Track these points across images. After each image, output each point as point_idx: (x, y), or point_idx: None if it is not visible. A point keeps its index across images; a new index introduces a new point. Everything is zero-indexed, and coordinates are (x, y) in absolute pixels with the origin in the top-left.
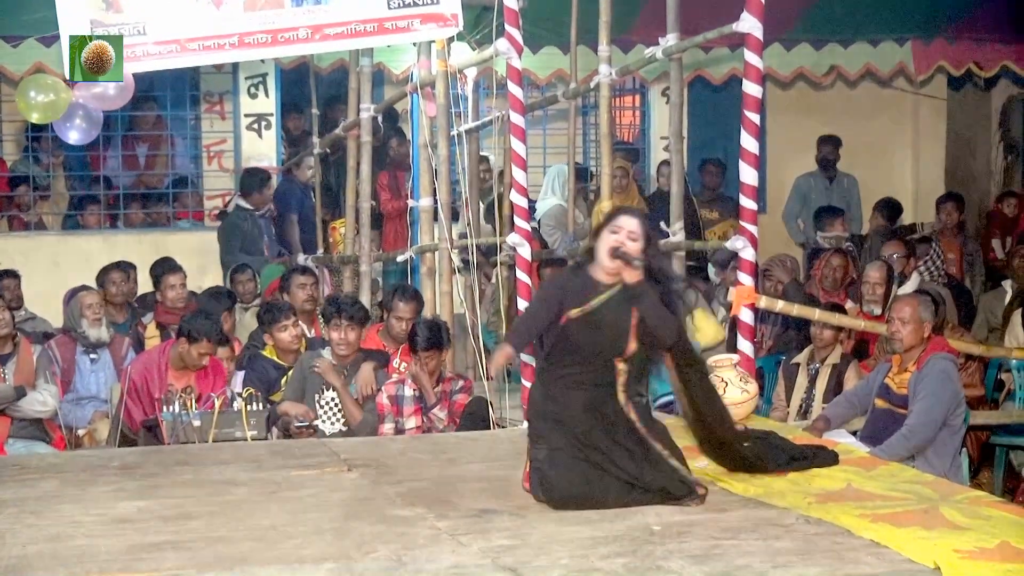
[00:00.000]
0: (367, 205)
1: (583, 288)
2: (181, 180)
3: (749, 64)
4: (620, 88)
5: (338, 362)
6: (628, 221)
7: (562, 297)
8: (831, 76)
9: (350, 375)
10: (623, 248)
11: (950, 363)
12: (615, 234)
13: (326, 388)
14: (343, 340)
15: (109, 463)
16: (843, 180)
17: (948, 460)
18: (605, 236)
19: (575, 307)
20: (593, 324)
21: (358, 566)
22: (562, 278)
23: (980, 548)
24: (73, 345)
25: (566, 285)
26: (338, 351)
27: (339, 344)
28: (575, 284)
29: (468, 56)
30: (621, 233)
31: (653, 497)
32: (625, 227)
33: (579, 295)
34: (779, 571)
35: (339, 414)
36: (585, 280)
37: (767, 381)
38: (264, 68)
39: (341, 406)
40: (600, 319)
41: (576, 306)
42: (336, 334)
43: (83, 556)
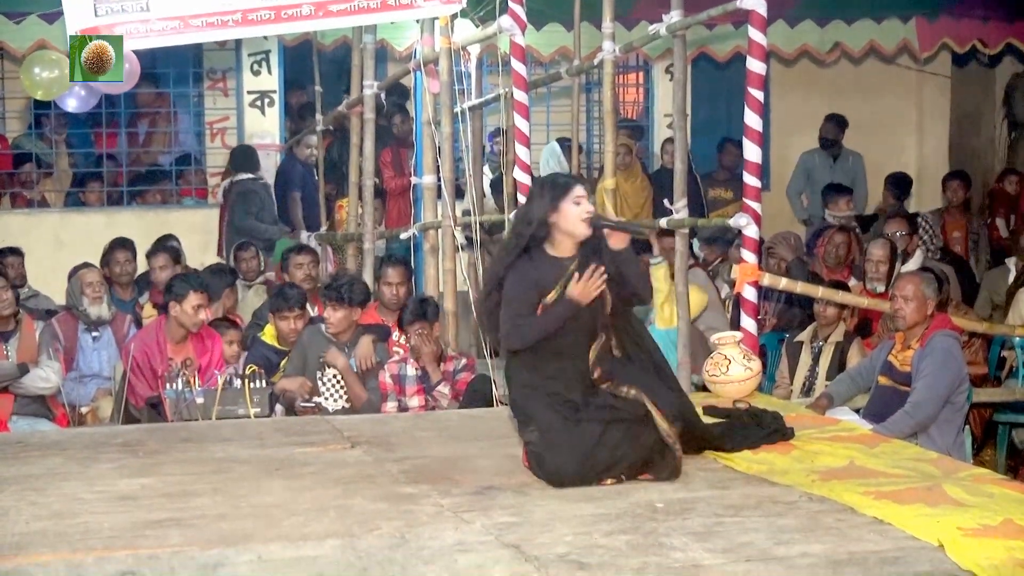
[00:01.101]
0: (370, 183)
1: (550, 271)
2: (185, 157)
3: (753, 41)
4: (624, 65)
5: (336, 340)
6: (579, 188)
7: (536, 289)
8: (835, 53)
9: (350, 351)
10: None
11: (953, 341)
12: (579, 205)
13: (328, 365)
14: (332, 322)
15: (112, 440)
16: (848, 157)
17: (951, 438)
18: (568, 209)
19: (549, 292)
20: None
21: (361, 543)
22: (525, 270)
23: (983, 525)
24: (75, 323)
25: (533, 275)
26: (329, 331)
27: (329, 325)
28: (541, 270)
29: (471, 33)
30: (583, 202)
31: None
32: (583, 193)
33: (549, 280)
34: (782, 548)
35: (342, 391)
36: (548, 262)
37: (770, 359)
38: (267, 45)
39: (345, 387)
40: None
41: (550, 290)
42: (334, 313)
43: (86, 533)
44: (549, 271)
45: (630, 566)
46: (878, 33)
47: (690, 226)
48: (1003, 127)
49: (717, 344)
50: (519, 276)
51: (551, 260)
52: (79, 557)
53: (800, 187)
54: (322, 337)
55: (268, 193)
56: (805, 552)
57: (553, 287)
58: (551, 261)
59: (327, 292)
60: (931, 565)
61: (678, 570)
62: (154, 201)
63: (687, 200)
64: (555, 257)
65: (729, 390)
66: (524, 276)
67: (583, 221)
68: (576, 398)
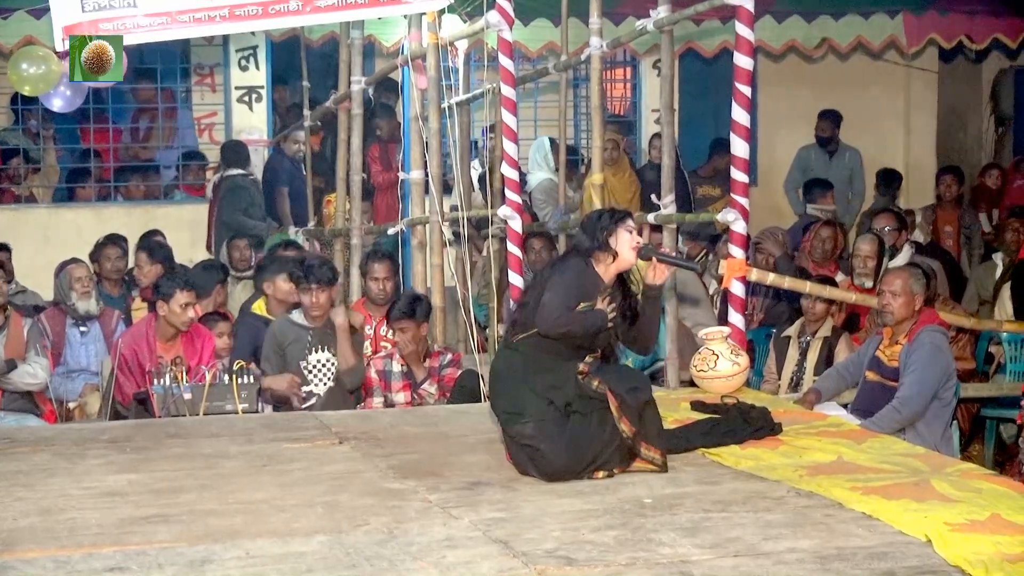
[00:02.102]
0: (358, 178)
1: (593, 286)
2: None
3: (740, 36)
4: (611, 61)
5: (311, 325)
6: (632, 221)
7: (579, 294)
8: (822, 49)
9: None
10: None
11: (941, 336)
12: (631, 233)
13: (311, 351)
14: (315, 304)
15: (100, 436)
16: (845, 153)
17: (939, 433)
18: (621, 235)
19: (585, 301)
20: None
21: (349, 539)
22: (581, 274)
23: (971, 520)
24: (63, 318)
25: (584, 282)
26: (312, 314)
27: (313, 308)
28: (587, 281)
29: (459, 28)
30: (635, 233)
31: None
32: (635, 227)
33: (590, 292)
34: (770, 543)
35: (330, 375)
36: (594, 279)
37: (758, 354)
38: (255, 41)
39: (339, 353)
40: None
41: (585, 300)
42: (307, 298)
43: (74, 529)
44: (593, 285)
45: (618, 561)
46: (865, 28)
47: (678, 221)
48: (990, 122)
49: (705, 339)
50: (577, 272)
51: (597, 279)
52: (66, 553)
53: (797, 182)
54: (294, 326)
55: (258, 189)
56: (793, 547)
57: (588, 300)
58: (597, 279)
59: (307, 276)
60: (919, 560)
61: (666, 565)
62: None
63: (675, 196)
64: (601, 279)
65: (717, 385)
66: (580, 273)
67: (632, 248)
68: (568, 392)
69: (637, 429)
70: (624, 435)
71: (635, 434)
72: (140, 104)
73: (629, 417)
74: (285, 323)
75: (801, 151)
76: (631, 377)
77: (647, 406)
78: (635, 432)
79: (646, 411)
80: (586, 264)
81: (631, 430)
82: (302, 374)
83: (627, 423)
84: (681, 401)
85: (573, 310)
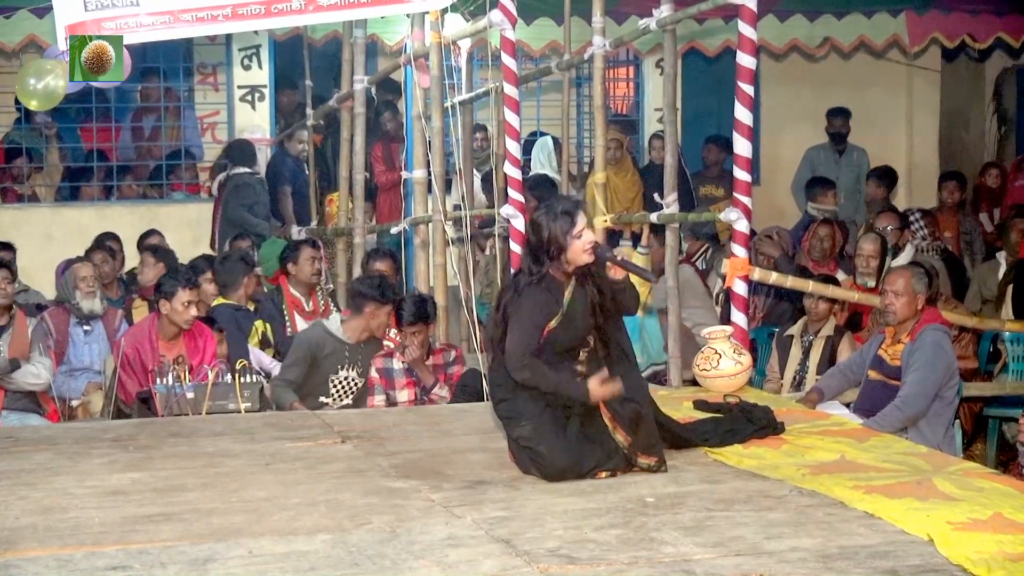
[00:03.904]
0: (361, 177)
1: (553, 298)
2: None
3: (743, 35)
4: (614, 60)
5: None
6: (582, 219)
7: (543, 312)
8: (825, 48)
9: (363, 353)
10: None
11: (943, 335)
12: (580, 239)
13: (343, 367)
14: (419, 344)
15: (102, 435)
16: (853, 152)
17: (941, 432)
18: (573, 244)
19: (552, 318)
20: (569, 322)
21: (352, 537)
22: (537, 298)
23: (973, 519)
24: (67, 317)
25: (542, 298)
26: (412, 354)
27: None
28: (547, 298)
29: (462, 27)
30: (585, 234)
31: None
32: (583, 225)
33: (552, 306)
34: (772, 543)
35: (351, 394)
36: (550, 288)
37: (760, 353)
38: (257, 40)
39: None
40: (573, 315)
41: (553, 317)
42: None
43: (77, 528)
44: (553, 298)
45: (620, 560)
46: (868, 27)
47: (680, 221)
48: (993, 122)
49: (708, 338)
50: (532, 300)
51: (553, 285)
52: (69, 552)
53: (805, 182)
54: (331, 337)
55: (263, 187)
56: (795, 546)
57: (557, 310)
58: (553, 286)
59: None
60: (921, 559)
61: (668, 564)
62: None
63: (678, 195)
64: (557, 281)
65: (719, 384)
66: (536, 300)
67: (586, 252)
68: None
69: (632, 440)
70: (620, 445)
71: (630, 444)
72: (143, 104)
73: (624, 427)
74: (323, 332)
75: (810, 151)
76: (628, 386)
77: (642, 417)
78: (630, 443)
79: (641, 422)
80: (537, 286)
81: (626, 440)
82: (327, 387)
83: (622, 434)
84: (684, 400)
85: (538, 344)
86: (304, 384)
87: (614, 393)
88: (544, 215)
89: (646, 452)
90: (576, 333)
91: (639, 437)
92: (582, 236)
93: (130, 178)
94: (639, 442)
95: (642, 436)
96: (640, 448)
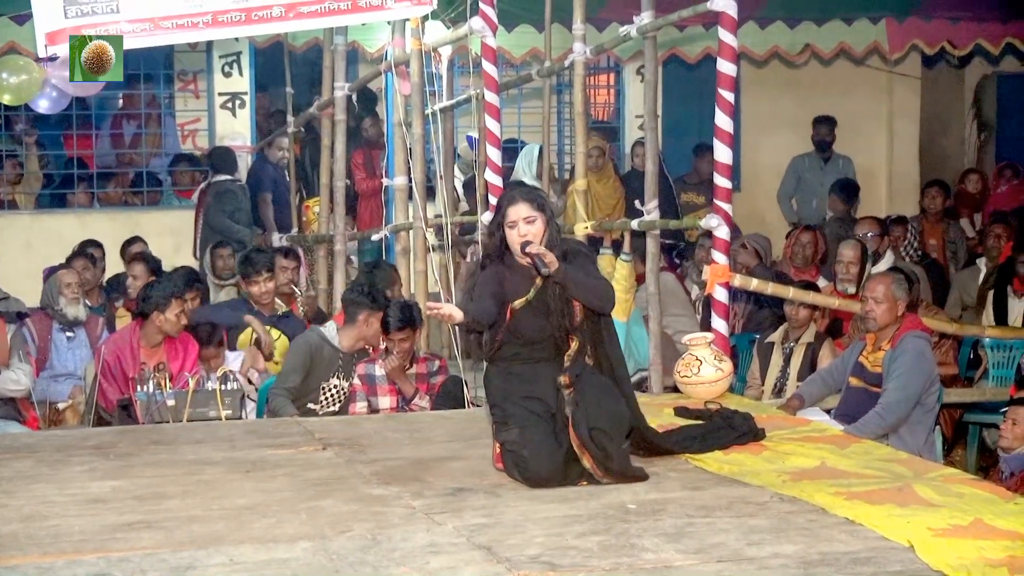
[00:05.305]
0: (341, 184)
1: (519, 279)
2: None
3: (723, 42)
4: (595, 67)
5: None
6: (516, 210)
7: (503, 293)
8: (806, 55)
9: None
10: (529, 241)
11: (924, 341)
12: (512, 229)
13: (335, 376)
14: (266, 292)
15: (83, 443)
16: (839, 160)
17: (922, 438)
18: (507, 232)
19: (517, 298)
20: (539, 309)
21: (332, 545)
22: (495, 274)
23: (953, 525)
24: (49, 322)
25: (502, 280)
26: (262, 301)
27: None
28: (511, 277)
29: (442, 34)
30: (517, 226)
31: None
32: (517, 216)
33: (517, 287)
34: (753, 549)
35: (339, 402)
36: (518, 271)
37: (741, 359)
38: (238, 47)
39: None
40: (545, 302)
41: (518, 297)
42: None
43: (57, 536)
44: (520, 278)
45: (602, 567)
46: (848, 34)
47: (662, 228)
48: (972, 128)
49: (688, 345)
50: (488, 277)
51: (520, 268)
52: (49, 560)
53: (791, 191)
54: (327, 344)
55: (245, 195)
56: (776, 553)
57: (524, 294)
58: (521, 270)
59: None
60: (902, 565)
61: (650, 571)
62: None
63: (659, 202)
64: (523, 265)
65: (700, 391)
66: (493, 278)
67: (517, 245)
68: (550, 401)
69: (603, 469)
70: (587, 470)
71: (595, 468)
72: (123, 111)
73: (592, 454)
74: (320, 338)
75: (795, 159)
76: (602, 415)
77: (608, 455)
78: (597, 472)
79: (608, 457)
80: (503, 264)
81: (593, 468)
82: (318, 394)
83: (589, 459)
84: (665, 407)
85: (483, 298)
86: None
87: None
88: (500, 199)
89: (615, 477)
90: (543, 325)
91: (609, 462)
92: (516, 228)
93: (113, 185)
94: (609, 468)
95: (613, 460)
96: (609, 473)
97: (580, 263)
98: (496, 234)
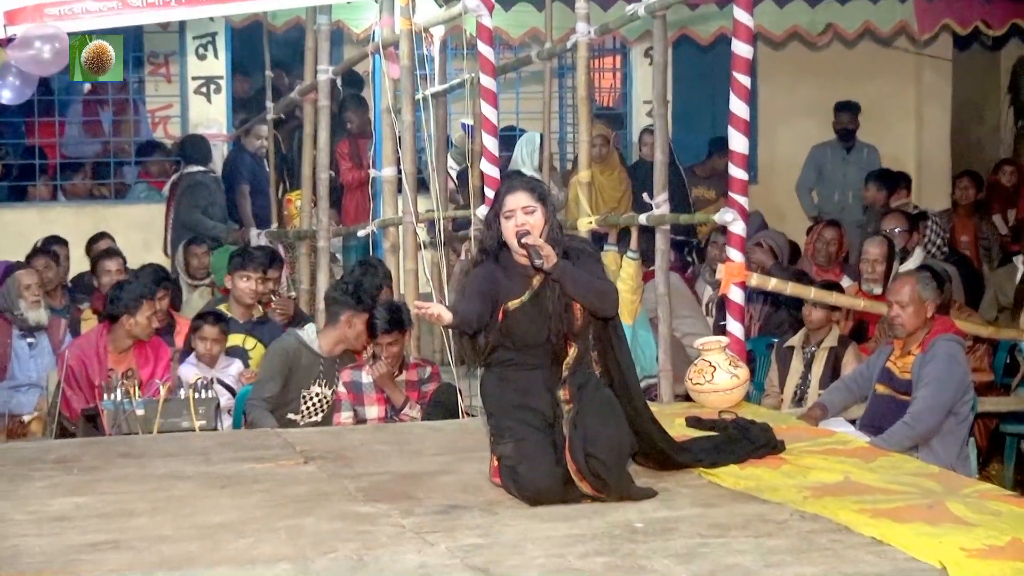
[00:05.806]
0: (325, 176)
1: (515, 279)
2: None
3: (739, 22)
4: (599, 48)
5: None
6: (515, 199)
7: (495, 293)
8: (827, 35)
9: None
10: (526, 232)
11: (957, 345)
12: (509, 219)
13: (316, 383)
14: (252, 291)
15: (44, 456)
16: (863, 150)
17: (954, 450)
18: (503, 224)
19: (512, 299)
20: (535, 311)
21: (315, 566)
22: (489, 272)
23: (989, 546)
24: (8, 328)
25: (496, 279)
26: (243, 300)
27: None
28: (507, 275)
29: (435, 13)
30: (515, 215)
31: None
32: (516, 205)
33: (512, 287)
34: (772, 571)
35: (320, 411)
36: (514, 270)
37: (758, 365)
38: (213, 27)
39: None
40: (542, 304)
41: (513, 298)
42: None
43: (16, 557)
44: (516, 277)
45: None
46: (874, 13)
47: (672, 222)
48: (1009, 114)
49: (701, 350)
50: (480, 277)
51: (519, 268)
52: None
53: (811, 182)
54: (306, 349)
55: (219, 187)
56: (798, 574)
57: (515, 296)
58: (518, 269)
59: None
60: None
61: None
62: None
63: (669, 194)
64: (519, 264)
65: (714, 399)
66: (485, 278)
67: (514, 236)
68: (547, 412)
69: (602, 493)
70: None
71: (594, 493)
72: (87, 97)
73: (589, 482)
74: (297, 343)
75: (815, 149)
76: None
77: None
78: (596, 493)
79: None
80: (497, 263)
81: (593, 492)
82: (298, 403)
83: (587, 486)
84: (676, 417)
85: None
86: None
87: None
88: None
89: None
90: (539, 330)
91: (607, 486)
92: (512, 218)
93: (81, 176)
94: (608, 491)
95: (614, 484)
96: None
97: (583, 263)
98: (493, 225)
